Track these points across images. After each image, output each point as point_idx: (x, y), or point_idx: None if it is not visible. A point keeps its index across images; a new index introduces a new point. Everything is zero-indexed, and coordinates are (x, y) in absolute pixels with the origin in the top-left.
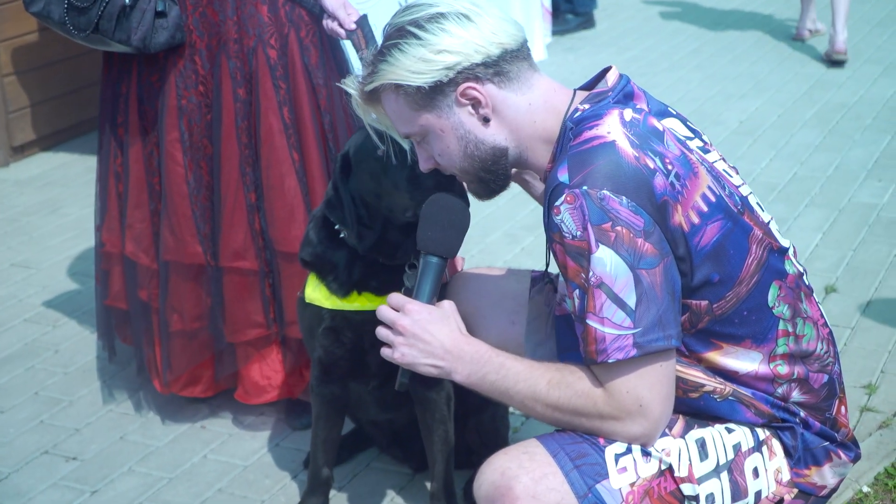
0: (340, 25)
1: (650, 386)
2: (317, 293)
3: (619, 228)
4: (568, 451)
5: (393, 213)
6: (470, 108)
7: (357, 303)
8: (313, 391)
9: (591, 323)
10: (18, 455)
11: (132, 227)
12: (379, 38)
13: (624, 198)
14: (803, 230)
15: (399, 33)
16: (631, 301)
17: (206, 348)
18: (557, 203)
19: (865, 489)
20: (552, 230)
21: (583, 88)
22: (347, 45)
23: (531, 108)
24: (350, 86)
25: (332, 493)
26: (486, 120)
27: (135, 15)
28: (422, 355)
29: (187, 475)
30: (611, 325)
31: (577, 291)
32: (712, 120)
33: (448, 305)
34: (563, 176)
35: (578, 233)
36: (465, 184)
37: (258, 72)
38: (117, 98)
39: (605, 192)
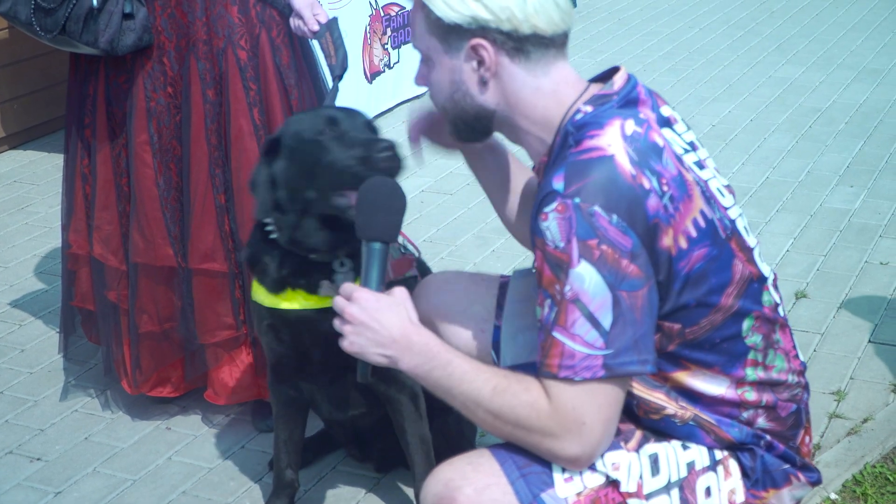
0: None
1: (598, 407)
2: (258, 292)
3: (604, 247)
4: (516, 459)
5: (322, 193)
6: (475, 63)
7: (293, 301)
8: (271, 390)
9: (560, 337)
10: None
11: (100, 228)
12: (347, 43)
13: (615, 216)
14: (774, 235)
15: None
16: (606, 322)
17: (177, 349)
18: (547, 209)
19: (833, 496)
20: (536, 234)
21: (595, 80)
22: (317, 46)
23: (537, 92)
24: None
25: (298, 495)
26: (483, 82)
27: (102, 17)
28: (370, 344)
29: (152, 477)
30: (582, 343)
31: (548, 301)
32: None
33: (399, 292)
34: (558, 184)
35: (561, 244)
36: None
37: (228, 73)
38: (84, 99)
39: (596, 207)
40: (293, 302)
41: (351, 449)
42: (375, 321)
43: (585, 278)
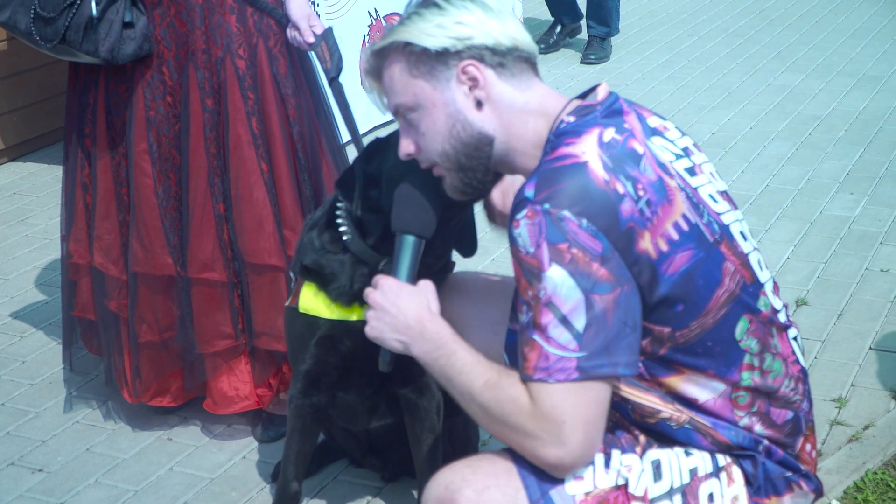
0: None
1: (577, 407)
2: (314, 303)
3: (574, 250)
4: None
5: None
6: (467, 88)
7: (358, 313)
8: (292, 403)
9: (538, 338)
10: None
11: (100, 238)
12: (346, 52)
13: (585, 220)
14: (774, 243)
15: (423, 4)
16: (579, 324)
17: (176, 359)
18: (518, 216)
19: (835, 503)
20: (510, 242)
21: (578, 98)
22: (314, 56)
23: (526, 108)
24: (363, 54)
25: None
26: (479, 104)
27: (102, 26)
28: (388, 329)
29: (153, 488)
30: (556, 346)
31: (524, 306)
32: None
33: (424, 284)
34: (529, 191)
35: (532, 249)
36: (443, 179)
37: (226, 82)
38: (84, 109)
39: (565, 212)
40: (360, 314)
41: (368, 459)
42: (394, 306)
43: (557, 281)
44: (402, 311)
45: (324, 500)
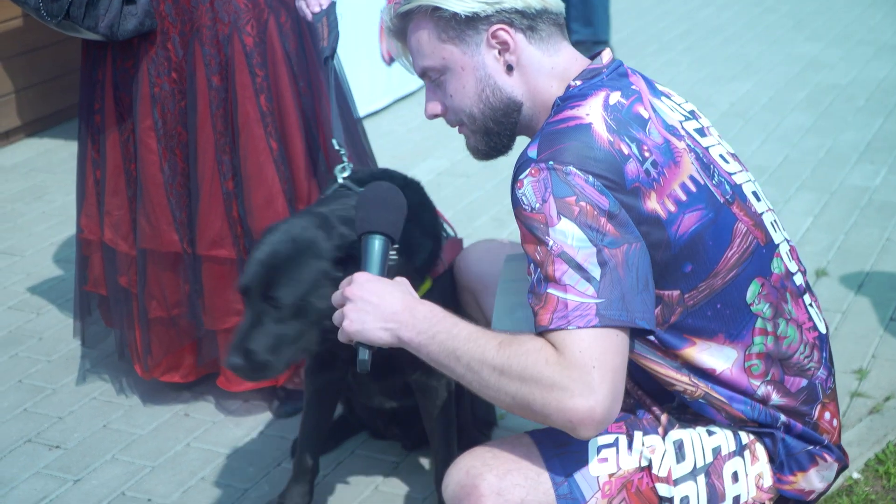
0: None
1: (604, 353)
2: None
3: (582, 203)
4: (553, 439)
5: None
6: (497, 52)
7: None
8: (310, 378)
9: (553, 291)
10: (1, 444)
11: (110, 213)
12: (356, 23)
13: (590, 176)
14: (794, 214)
15: None
16: (595, 273)
17: (186, 335)
18: (521, 176)
19: (856, 475)
20: (514, 204)
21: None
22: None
23: (552, 73)
24: (384, 13)
25: (318, 479)
26: (509, 68)
27: (102, 2)
28: (371, 318)
29: (170, 463)
30: (574, 293)
31: (532, 265)
32: (702, 102)
33: (400, 279)
34: (532, 152)
35: (537, 205)
36: (466, 137)
37: (234, 59)
38: (94, 84)
39: (571, 167)
40: None
41: (391, 429)
42: (376, 295)
43: (567, 234)
44: (385, 298)
45: (342, 474)
